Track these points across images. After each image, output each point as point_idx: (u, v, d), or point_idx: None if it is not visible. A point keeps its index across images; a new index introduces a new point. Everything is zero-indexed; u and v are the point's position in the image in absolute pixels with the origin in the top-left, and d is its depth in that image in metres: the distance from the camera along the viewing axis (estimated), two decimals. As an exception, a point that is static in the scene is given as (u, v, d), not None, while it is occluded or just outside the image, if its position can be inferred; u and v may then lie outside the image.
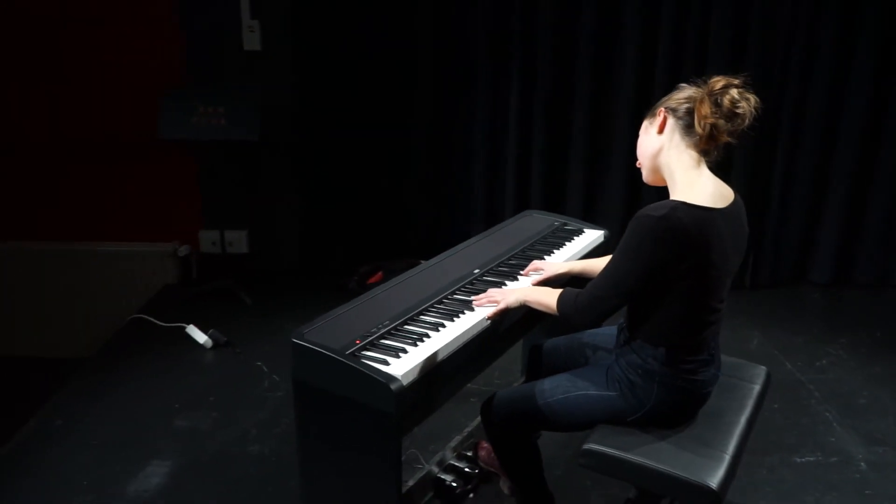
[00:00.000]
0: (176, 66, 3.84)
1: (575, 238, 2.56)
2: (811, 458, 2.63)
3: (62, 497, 2.37)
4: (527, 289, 1.99)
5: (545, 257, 2.36)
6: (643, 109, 3.56)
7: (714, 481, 1.60)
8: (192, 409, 2.89)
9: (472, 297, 2.01)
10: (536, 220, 2.72)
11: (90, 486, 2.42)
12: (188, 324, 3.46)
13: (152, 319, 3.59)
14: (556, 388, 1.85)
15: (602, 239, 2.62)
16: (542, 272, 2.18)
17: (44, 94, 3.92)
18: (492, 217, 4.02)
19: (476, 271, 2.21)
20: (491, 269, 2.25)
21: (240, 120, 3.63)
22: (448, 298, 2.03)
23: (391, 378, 1.62)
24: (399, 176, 4.07)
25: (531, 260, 2.29)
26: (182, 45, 3.81)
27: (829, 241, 4.03)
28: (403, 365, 1.68)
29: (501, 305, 1.94)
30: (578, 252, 2.45)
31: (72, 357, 3.58)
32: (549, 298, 1.84)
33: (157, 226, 4.13)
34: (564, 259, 2.36)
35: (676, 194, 1.69)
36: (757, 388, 1.98)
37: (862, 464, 2.59)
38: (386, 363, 1.67)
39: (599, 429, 1.77)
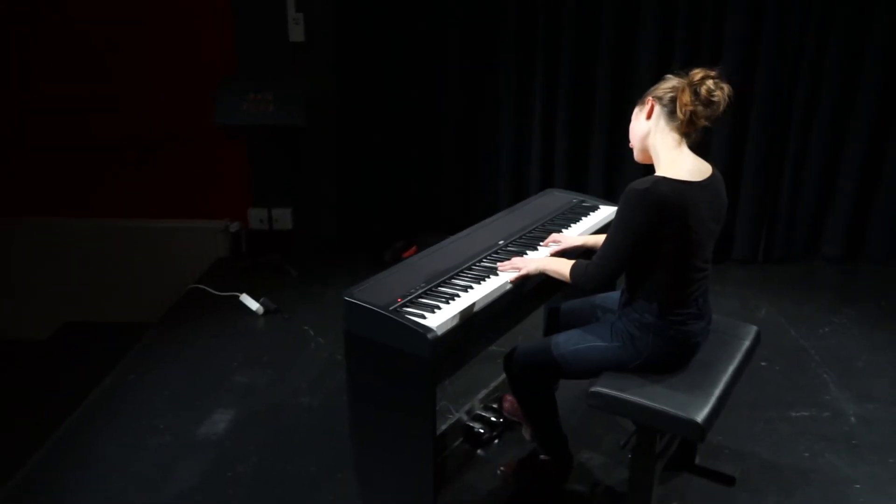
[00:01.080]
0: (229, 57, 4.16)
1: (591, 214, 2.83)
2: (805, 413, 2.89)
3: (143, 438, 2.74)
4: (545, 258, 2.28)
5: (563, 230, 2.64)
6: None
7: (699, 417, 1.89)
8: (248, 367, 3.24)
9: (498, 264, 2.31)
10: (557, 198, 2.99)
11: (166, 429, 2.80)
12: (241, 293, 3.82)
13: (208, 289, 3.95)
14: (569, 341, 2.15)
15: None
16: (559, 244, 2.47)
17: (112, 81, 4.28)
18: (518, 194, 4.29)
19: (500, 242, 2.51)
20: (514, 240, 2.54)
21: (286, 106, 3.96)
22: (476, 265, 2.33)
23: (428, 329, 1.93)
24: (431, 156, 4.36)
25: (550, 233, 2.58)
26: (234, 37, 4.14)
27: (841, 217, 4.22)
28: (438, 318, 1.99)
29: (522, 272, 2.23)
30: (593, 226, 2.73)
31: (139, 321, 3.97)
32: (563, 267, 2.12)
33: (210, 204, 4.49)
34: (580, 233, 2.64)
35: (660, 171, 1.98)
36: (746, 343, 2.26)
37: (852, 418, 2.85)
38: (423, 317, 1.98)
39: (605, 375, 2.06)
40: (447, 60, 4.15)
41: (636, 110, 2.10)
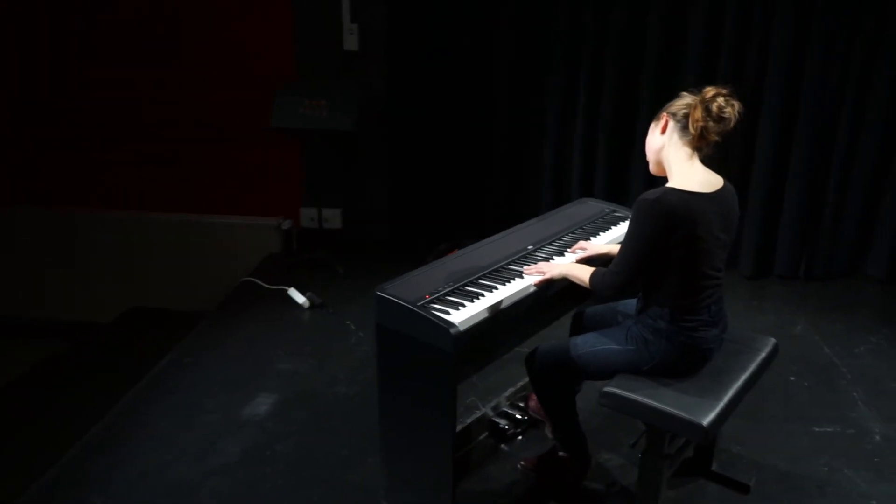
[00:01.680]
0: (289, 64, 4.40)
1: (620, 223, 2.93)
2: (829, 429, 2.92)
3: (193, 415, 2.97)
4: (569, 265, 2.39)
5: (591, 239, 2.75)
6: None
7: (705, 420, 1.98)
8: (292, 355, 3.45)
9: (524, 268, 2.44)
10: (590, 207, 3.10)
11: (214, 408, 3.02)
12: (289, 287, 4.04)
13: (259, 282, 4.19)
14: (586, 343, 2.26)
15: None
16: (585, 251, 2.59)
17: (177, 84, 4.57)
18: (559, 202, 4.38)
19: (530, 247, 2.64)
20: (543, 245, 2.66)
21: (339, 112, 4.17)
22: (503, 268, 2.47)
23: (451, 324, 2.07)
24: (478, 162, 4.50)
25: (579, 240, 2.70)
26: (294, 46, 4.38)
27: (886, 236, 4.18)
28: (461, 315, 2.13)
29: (546, 276, 2.36)
30: (621, 236, 2.81)
31: (196, 310, 4.23)
32: (584, 274, 2.24)
33: (265, 202, 4.75)
34: (607, 241, 2.75)
35: (671, 182, 2.08)
36: (762, 354, 2.33)
37: (877, 437, 2.86)
38: (447, 313, 2.13)
39: (618, 377, 2.17)
40: (494, 70, 4.29)
41: (652, 125, 2.21)
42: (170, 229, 4.74)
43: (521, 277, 2.40)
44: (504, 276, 2.41)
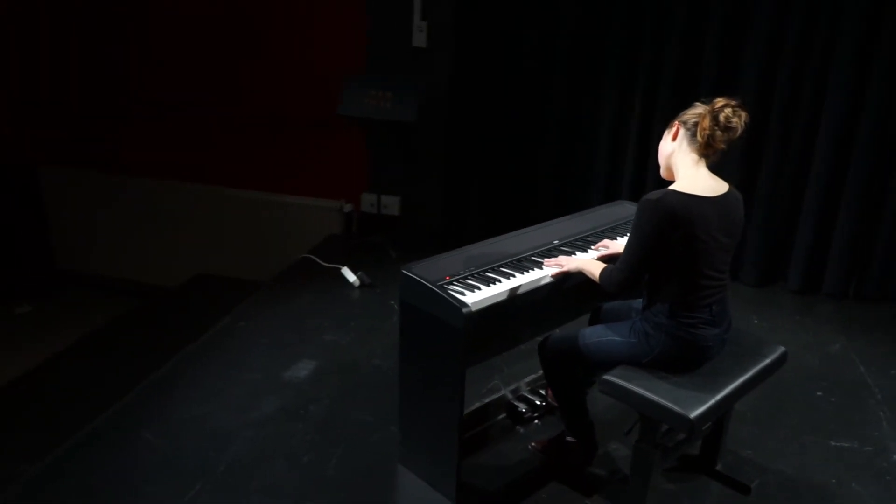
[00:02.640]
0: (360, 56, 4.66)
1: (650, 226, 3.03)
2: (846, 444, 2.93)
3: (240, 372, 3.26)
4: (586, 260, 2.53)
5: (617, 238, 2.87)
6: (761, 124, 3.89)
7: (692, 413, 2.09)
8: (336, 328, 3.70)
9: (545, 259, 2.60)
10: (625, 208, 3.21)
11: (258, 369, 3.30)
12: (343, 266, 4.30)
13: (317, 259, 4.47)
14: (594, 334, 2.40)
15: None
16: (608, 249, 2.71)
17: (254, 71, 4.91)
18: (607, 200, 4.48)
19: (556, 241, 2.79)
20: (568, 241, 2.81)
21: (402, 104, 4.40)
22: (526, 258, 2.63)
23: (463, 304, 2.26)
24: (530, 158, 4.64)
25: (604, 238, 2.82)
26: (365, 39, 4.63)
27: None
28: (474, 297, 2.31)
29: (564, 268, 2.51)
30: (648, 237, 2.93)
31: (255, 279, 4.56)
32: (596, 270, 2.37)
33: (330, 186, 5.03)
34: (631, 241, 2.86)
35: (675, 185, 2.19)
36: (766, 360, 2.40)
37: (894, 456, 2.87)
38: (463, 294, 2.31)
39: (619, 367, 2.30)
40: (554, 71, 4.41)
41: (665, 132, 2.32)
42: (242, 205, 5.09)
43: (541, 268, 2.55)
44: (525, 265, 2.57)
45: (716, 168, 2.29)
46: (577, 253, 2.72)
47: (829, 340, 3.81)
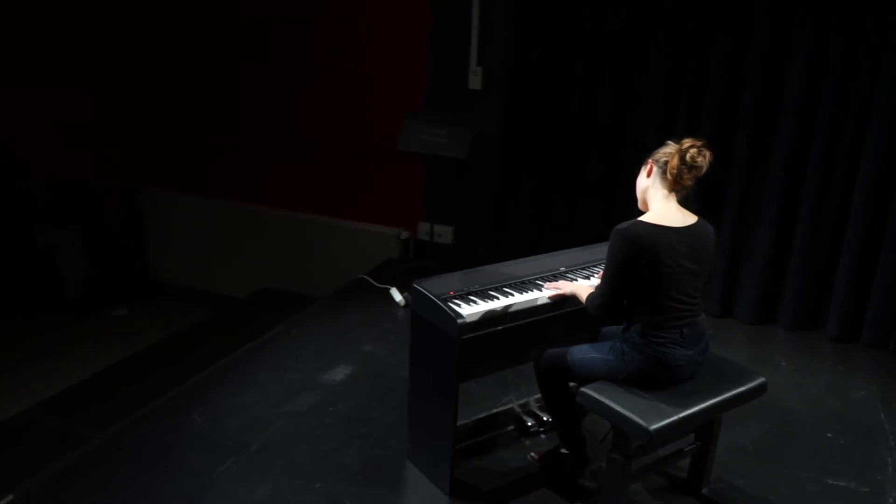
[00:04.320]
0: (420, 95, 5.09)
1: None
2: (843, 483, 3.00)
3: (283, 372, 3.67)
4: (580, 285, 2.77)
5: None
6: (806, 155, 3.96)
7: (653, 426, 2.30)
8: (377, 341, 4.06)
9: (545, 283, 2.87)
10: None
11: (300, 370, 3.70)
12: (392, 287, 4.67)
13: (371, 280, 4.87)
14: (579, 352, 2.64)
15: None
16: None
17: (325, 111, 5.43)
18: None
19: (562, 268, 3.05)
20: (574, 268, 3.06)
21: (455, 141, 4.76)
22: (529, 281, 2.91)
23: (459, 315, 2.56)
24: (574, 196, 4.89)
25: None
26: (426, 81, 5.06)
27: None
28: (471, 310, 2.61)
29: (560, 291, 2.77)
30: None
31: (312, 295, 5.01)
32: (585, 295, 2.62)
33: (391, 214, 5.45)
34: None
35: (644, 216, 2.43)
36: (741, 388, 2.56)
37: (891, 500, 2.91)
38: (460, 306, 2.62)
39: (598, 382, 2.52)
40: (599, 113, 4.66)
41: (641, 169, 2.57)
42: (311, 228, 5.60)
43: (540, 290, 2.82)
44: (526, 286, 2.85)
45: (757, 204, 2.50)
46: (578, 279, 2.97)
47: (857, 387, 3.83)
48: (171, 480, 2.81)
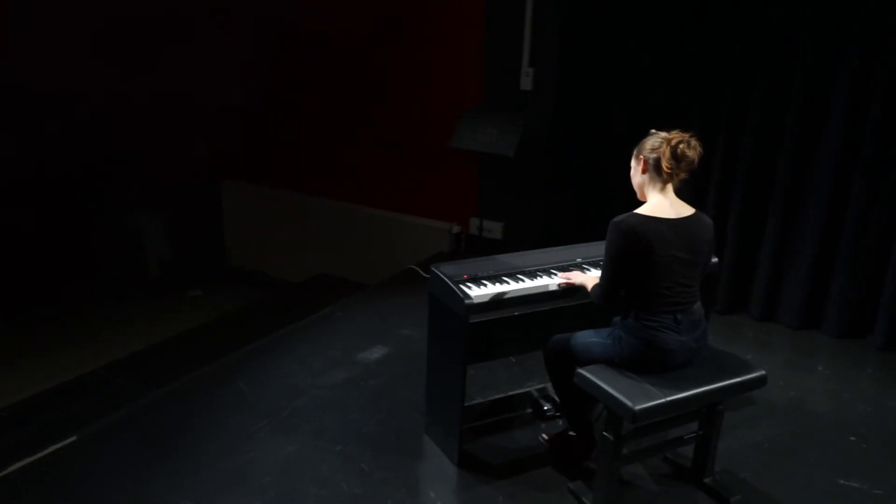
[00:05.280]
0: (475, 95, 5.30)
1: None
2: (856, 484, 2.99)
3: (324, 349, 3.96)
4: (590, 277, 2.89)
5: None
6: (852, 162, 3.97)
7: (637, 406, 2.42)
8: (415, 326, 4.29)
9: (559, 273, 3.02)
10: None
11: (339, 348, 3.98)
12: (438, 277, 4.90)
13: (419, 270, 5.11)
14: (581, 336, 2.78)
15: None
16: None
17: (386, 112, 5.73)
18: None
19: (579, 259, 3.19)
20: (589, 261, 3.19)
21: (504, 140, 4.95)
22: (542, 269, 3.06)
23: (468, 296, 2.75)
24: (618, 195, 4.95)
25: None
26: (481, 81, 5.27)
27: None
28: (479, 292, 2.80)
29: (569, 280, 2.92)
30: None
31: (364, 282, 5.30)
32: (590, 285, 2.76)
33: (443, 209, 5.69)
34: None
35: (640, 209, 2.54)
36: (736, 378, 2.62)
37: (901, 502, 2.90)
38: (470, 289, 2.81)
39: (595, 365, 2.66)
40: (642, 120, 4.73)
41: (633, 164, 2.67)
42: (369, 221, 5.91)
43: (551, 278, 2.98)
44: (538, 274, 3.01)
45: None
46: (591, 270, 3.10)
47: (893, 396, 3.77)
48: (211, 435, 3.14)
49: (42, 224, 5.76)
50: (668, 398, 2.49)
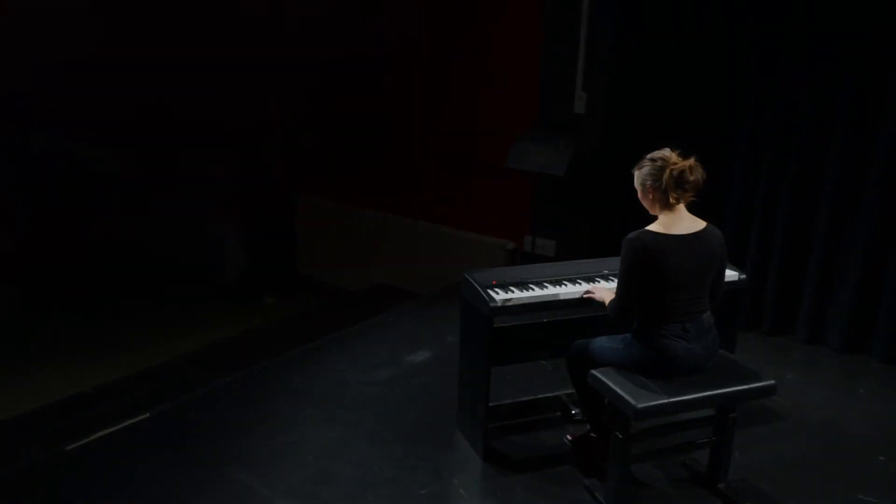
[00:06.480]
0: (530, 117, 5.56)
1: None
2: (875, 501, 3.03)
3: (374, 350, 4.29)
4: (609, 291, 3.08)
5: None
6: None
7: (640, 404, 2.59)
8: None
9: (589, 286, 3.21)
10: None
11: (387, 350, 4.30)
12: (488, 289, 5.15)
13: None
14: (598, 342, 2.97)
15: (735, 278, 3.44)
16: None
17: (446, 133, 6.06)
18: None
19: (605, 271, 3.38)
20: (614, 273, 3.37)
21: (555, 161, 5.17)
22: (570, 278, 3.27)
23: (493, 299, 3.01)
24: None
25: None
26: (536, 105, 5.53)
27: None
28: (505, 296, 3.04)
29: (591, 294, 3.12)
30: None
31: (419, 291, 5.61)
32: (608, 299, 2.95)
33: (500, 225, 5.94)
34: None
35: (652, 225, 2.72)
36: (742, 386, 2.76)
37: (920, 520, 2.93)
38: (497, 293, 3.06)
39: (608, 367, 2.84)
40: (690, 138, 4.82)
41: (640, 193, 2.86)
42: (427, 234, 6.24)
43: (574, 286, 3.19)
44: (564, 283, 3.22)
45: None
46: (614, 281, 3.28)
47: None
48: (261, 420, 3.50)
49: (136, 232, 6.41)
50: (671, 399, 2.65)
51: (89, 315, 5.85)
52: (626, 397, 2.64)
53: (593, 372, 2.84)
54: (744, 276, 3.48)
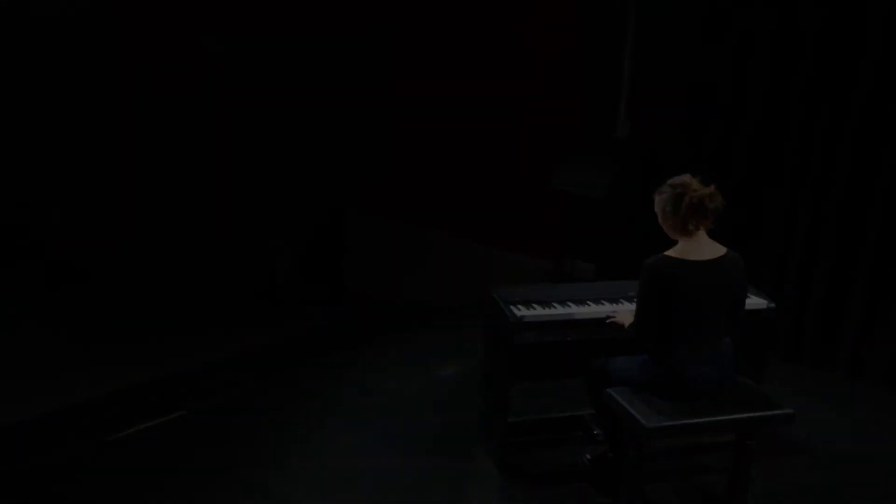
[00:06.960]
0: (573, 140, 5.63)
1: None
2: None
3: (405, 361, 4.44)
4: (631, 313, 3.12)
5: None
6: None
7: (650, 424, 2.63)
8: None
9: (611, 306, 3.26)
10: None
11: (419, 362, 4.45)
12: (524, 308, 5.22)
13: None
14: (616, 362, 3.01)
15: (763, 306, 3.43)
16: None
17: (495, 153, 6.17)
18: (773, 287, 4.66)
19: (630, 293, 3.41)
20: (639, 295, 3.41)
21: (596, 184, 5.22)
22: (593, 299, 3.33)
23: (514, 315, 3.08)
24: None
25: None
26: (580, 128, 5.60)
27: None
28: (526, 313, 3.12)
29: (614, 318, 3.16)
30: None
31: (458, 307, 5.72)
32: (629, 322, 3.00)
33: (539, 246, 6.00)
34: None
35: (671, 250, 2.75)
36: (759, 413, 2.76)
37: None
38: (518, 309, 3.13)
39: (623, 387, 2.88)
40: (730, 175, 4.85)
41: (661, 221, 2.87)
42: (472, 254, 6.34)
43: (600, 305, 3.24)
44: (587, 302, 3.28)
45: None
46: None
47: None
48: (289, 422, 3.67)
49: (191, 235, 6.76)
50: (682, 421, 2.67)
51: (142, 313, 6.13)
52: (637, 416, 2.68)
53: (609, 391, 2.88)
54: (772, 305, 3.46)
